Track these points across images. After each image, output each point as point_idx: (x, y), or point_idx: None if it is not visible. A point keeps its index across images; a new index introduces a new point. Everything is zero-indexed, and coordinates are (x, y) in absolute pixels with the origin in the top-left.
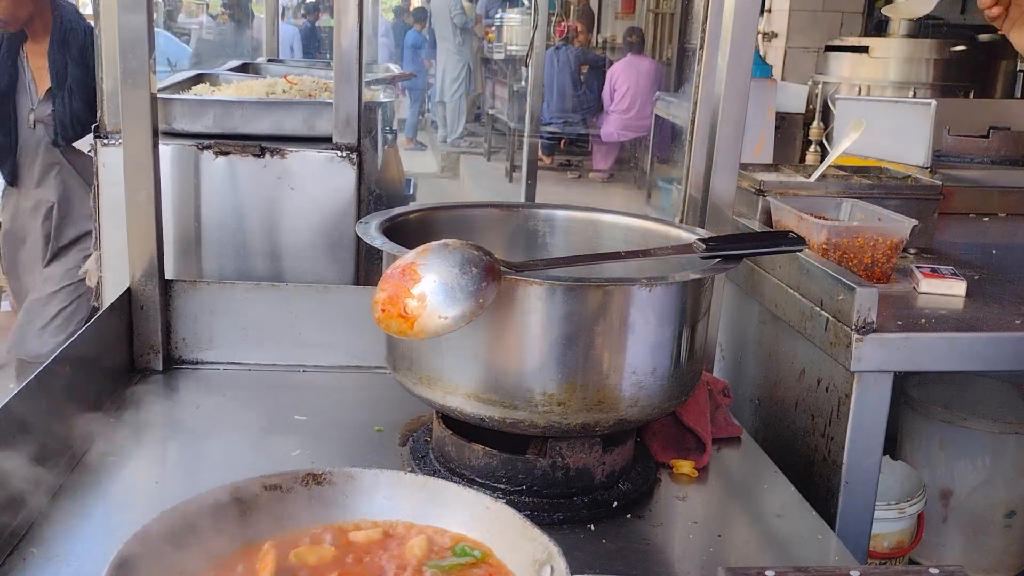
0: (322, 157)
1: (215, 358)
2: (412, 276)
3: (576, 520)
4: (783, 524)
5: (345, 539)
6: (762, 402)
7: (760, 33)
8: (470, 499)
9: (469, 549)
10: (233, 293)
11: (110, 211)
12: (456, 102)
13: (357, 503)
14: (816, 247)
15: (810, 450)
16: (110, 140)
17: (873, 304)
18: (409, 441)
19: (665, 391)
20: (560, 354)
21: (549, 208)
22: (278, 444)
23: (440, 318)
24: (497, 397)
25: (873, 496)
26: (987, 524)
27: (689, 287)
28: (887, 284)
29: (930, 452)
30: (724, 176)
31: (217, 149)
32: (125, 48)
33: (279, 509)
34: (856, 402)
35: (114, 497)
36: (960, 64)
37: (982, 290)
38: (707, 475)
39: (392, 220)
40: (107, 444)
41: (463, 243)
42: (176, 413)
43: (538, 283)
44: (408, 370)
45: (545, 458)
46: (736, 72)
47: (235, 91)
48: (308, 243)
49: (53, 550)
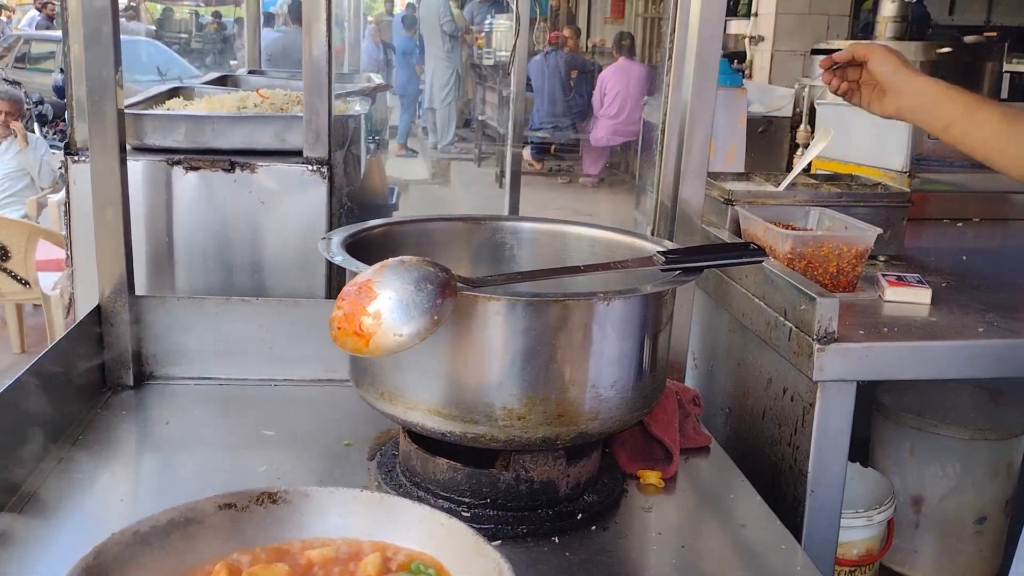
0: (292, 171)
1: (186, 373)
2: (368, 294)
3: (540, 533)
4: (749, 534)
5: (299, 558)
6: (732, 411)
7: (747, 37)
8: (425, 515)
9: (424, 567)
10: (203, 308)
11: (81, 227)
12: (446, 108)
13: (312, 521)
14: (782, 257)
15: (777, 459)
16: (80, 156)
17: (834, 314)
18: (377, 455)
19: (626, 403)
20: (519, 369)
21: (515, 221)
22: (246, 459)
23: (395, 335)
24: (458, 412)
25: (839, 504)
26: (959, 530)
27: (648, 300)
28: (853, 293)
29: (901, 459)
30: (692, 185)
31: (187, 164)
32: (91, 63)
33: (234, 528)
34: (820, 411)
35: (80, 515)
36: (946, 66)
37: (948, 298)
38: (674, 485)
39: (356, 236)
40: (74, 462)
41: (420, 260)
42: (146, 429)
43: (495, 298)
44: (371, 385)
45: (509, 471)
46: (702, 81)
47: (207, 105)
48: (280, 257)
49: (15, 570)
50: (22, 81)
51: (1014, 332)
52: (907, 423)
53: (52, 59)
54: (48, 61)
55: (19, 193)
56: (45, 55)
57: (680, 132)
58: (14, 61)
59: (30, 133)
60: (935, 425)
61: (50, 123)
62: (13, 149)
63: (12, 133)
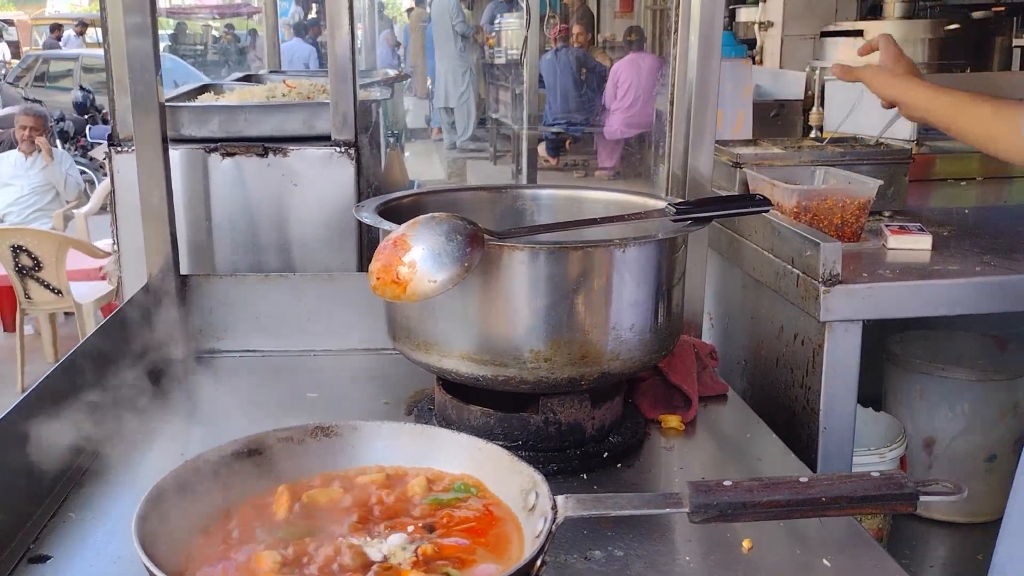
0: (322, 154)
1: (230, 347)
2: (403, 246)
3: (569, 470)
4: (765, 467)
5: (351, 482)
6: (748, 363)
7: (755, 23)
8: (464, 442)
9: (465, 485)
10: (245, 285)
11: (125, 213)
12: (464, 105)
13: (361, 451)
14: (788, 211)
15: (791, 402)
16: (123, 147)
17: (837, 257)
18: (414, 410)
19: (645, 346)
20: (544, 313)
21: (534, 188)
22: (292, 418)
23: (430, 281)
24: (489, 357)
25: (851, 440)
26: (970, 469)
27: (662, 246)
28: (858, 243)
29: (912, 403)
30: (702, 151)
31: (223, 151)
32: (134, 67)
33: (291, 458)
34: (828, 351)
35: (142, 468)
36: (956, 42)
37: (948, 244)
38: (694, 429)
39: (386, 204)
40: (132, 425)
41: (449, 215)
42: (196, 396)
43: (520, 247)
44: (407, 338)
45: (538, 415)
46: (707, 50)
47: (237, 97)
48: (313, 235)
49: (90, 513)
50: (42, 99)
51: (1011, 270)
52: (917, 368)
53: (70, 77)
54: (66, 79)
55: (46, 207)
56: (63, 73)
57: (688, 102)
58: (33, 80)
59: (54, 148)
60: (943, 368)
61: (71, 139)
62: (39, 164)
63: (37, 149)
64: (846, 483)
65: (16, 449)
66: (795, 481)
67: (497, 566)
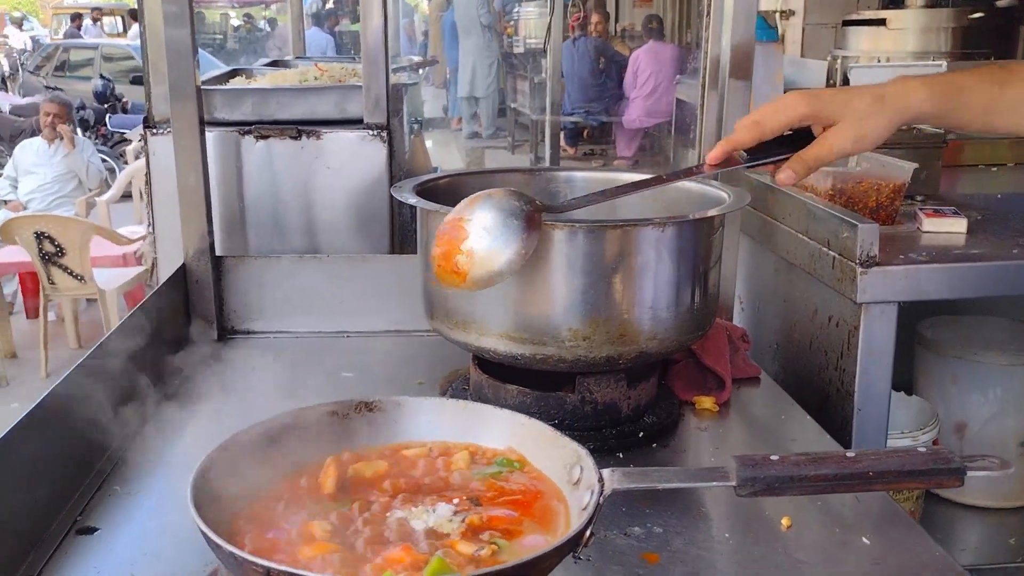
0: (354, 137)
1: (265, 327)
2: (460, 233)
3: (605, 449)
4: (799, 447)
5: (396, 456)
6: (780, 346)
7: (777, 12)
8: (506, 417)
9: (508, 460)
10: (279, 266)
11: (161, 195)
12: (491, 97)
13: (405, 427)
14: (823, 194)
15: (825, 384)
16: (158, 129)
17: (874, 239)
18: (449, 390)
19: (682, 326)
20: (583, 292)
21: (568, 171)
22: (329, 396)
23: (488, 271)
24: (527, 335)
25: (885, 423)
26: (1002, 453)
27: (698, 226)
28: (893, 226)
29: (944, 387)
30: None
31: (257, 134)
32: (172, 53)
33: (337, 432)
34: (864, 333)
35: (184, 443)
36: (979, 31)
37: (983, 228)
38: (728, 410)
39: (423, 185)
40: (171, 404)
41: (505, 193)
42: (232, 375)
43: (559, 226)
44: (445, 317)
45: (575, 394)
46: (740, 33)
47: (270, 80)
48: (345, 217)
49: (134, 487)
50: (63, 88)
51: None
52: (949, 353)
53: (90, 66)
54: (87, 68)
55: (69, 195)
56: (84, 62)
57: (720, 88)
58: (54, 69)
59: (75, 136)
60: (975, 353)
61: (92, 127)
62: (61, 152)
63: (59, 136)
64: (893, 458)
65: (60, 425)
66: (842, 456)
67: (545, 537)
